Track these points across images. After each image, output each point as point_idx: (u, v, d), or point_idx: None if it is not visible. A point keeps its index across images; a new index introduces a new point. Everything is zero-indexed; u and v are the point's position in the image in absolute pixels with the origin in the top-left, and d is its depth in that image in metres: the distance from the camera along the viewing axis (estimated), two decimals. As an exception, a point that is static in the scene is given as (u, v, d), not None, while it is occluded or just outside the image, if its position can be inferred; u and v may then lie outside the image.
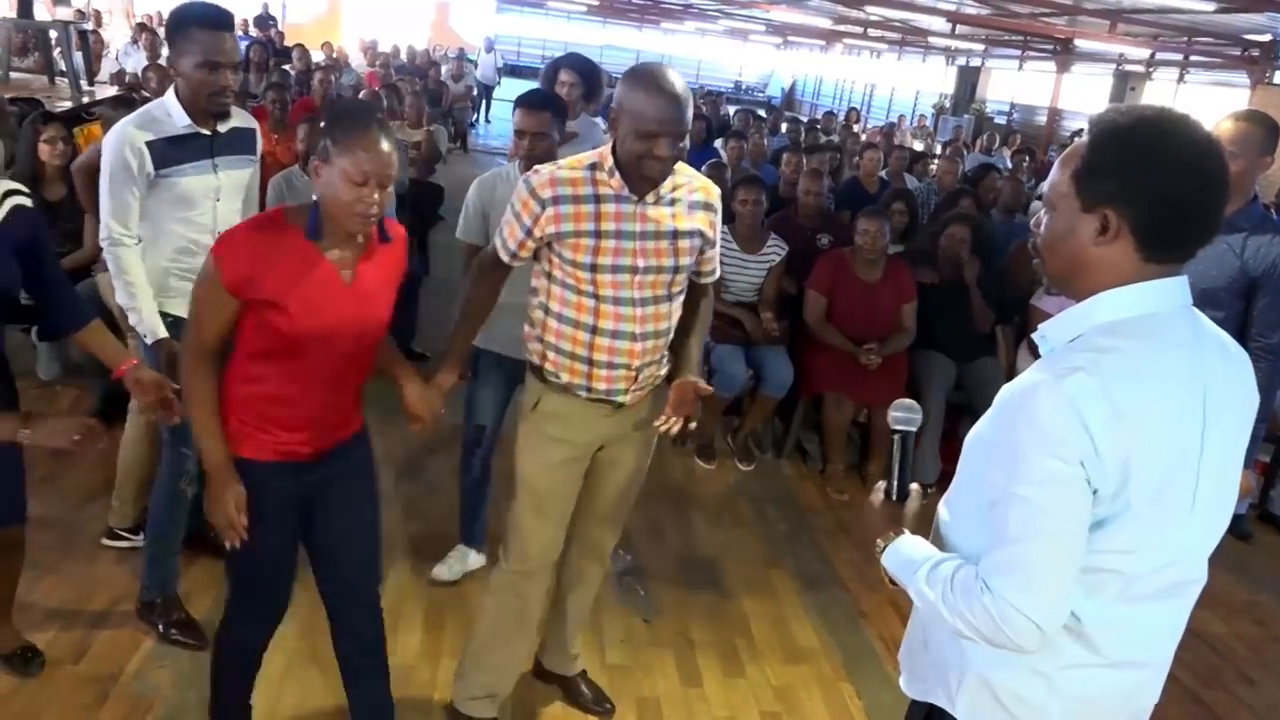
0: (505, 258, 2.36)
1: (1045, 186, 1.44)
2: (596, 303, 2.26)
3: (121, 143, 2.61)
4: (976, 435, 1.44)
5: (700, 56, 30.08)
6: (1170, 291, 1.33)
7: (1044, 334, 1.40)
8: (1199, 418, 1.33)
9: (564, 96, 4.52)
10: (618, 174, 2.22)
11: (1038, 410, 1.27)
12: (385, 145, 1.93)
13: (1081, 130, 16.59)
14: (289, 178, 4.50)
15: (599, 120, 5.44)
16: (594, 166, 2.25)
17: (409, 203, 6.02)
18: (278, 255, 1.94)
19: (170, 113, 2.67)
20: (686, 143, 2.22)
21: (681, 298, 2.40)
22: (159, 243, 2.74)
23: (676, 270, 2.31)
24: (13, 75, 7.17)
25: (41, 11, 7.80)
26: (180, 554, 3.01)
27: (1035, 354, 1.42)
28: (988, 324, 4.85)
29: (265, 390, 2.03)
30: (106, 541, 3.30)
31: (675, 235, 2.28)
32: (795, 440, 4.89)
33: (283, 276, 1.94)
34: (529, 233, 2.27)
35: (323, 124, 1.95)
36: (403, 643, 3.02)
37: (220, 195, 2.79)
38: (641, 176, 2.21)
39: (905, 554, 1.51)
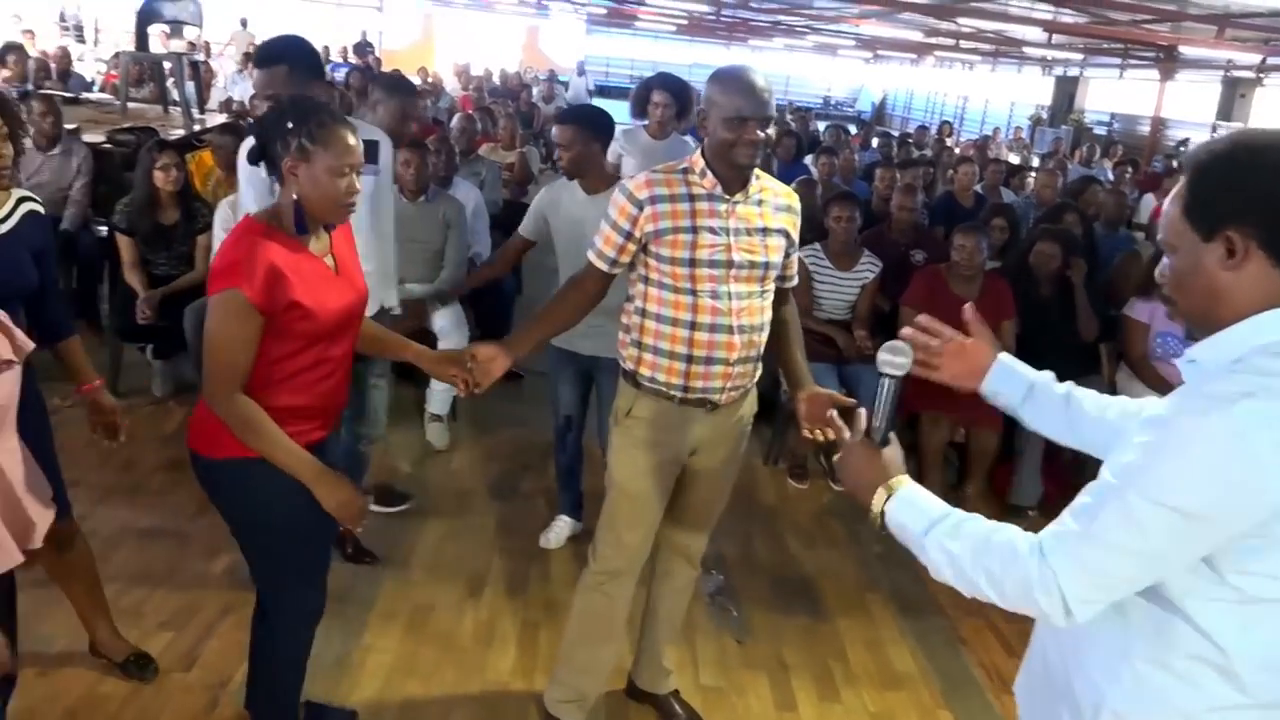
0: (604, 267, 2.42)
1: (1160, 233, 1.40)
2: (694, 298, 2.33)
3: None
4: (1120, 459, 1.32)
5: (788, 72, 29.95)
6: None
7: (1195, 357, 1.33)
8: None
9: (656, 116, 4.57)
10: (710, 174, 2.33)
11: (1202, 434, 1.20)
12: (352, 135, 2.05)
13: (1186, 140, 16.06)
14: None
15: (689, 139, 5.46)
16: (686, 170, 2.37)
17: (502, 222, 6.12)
18: (280, 260, 2.00)
19: None
20: (771, 133, 2.31)
21: (771, 296, 2.47)
22: None
23: (768, 266, 2.40)
24: (130, 105, 7.51)
25: (156, 44, 8.15)
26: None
27: (1139, 375, 1.34)
28: (1093, 330, 4.70)
29: (290, 389, 2.10)
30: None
31: (765, 232, 2.39)
32: (890, 460, 4.80)
33: (294, 278, 2.01)
34: (629, 236, 2.36)
35: (289, 125, 2.00)
36: (497, 659, 3.05)
37: None
38: (732, 167, 2.31)
39: (920, 504, 1.46)
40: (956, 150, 11.56)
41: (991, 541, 1.34)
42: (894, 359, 1.62)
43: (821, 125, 13.52)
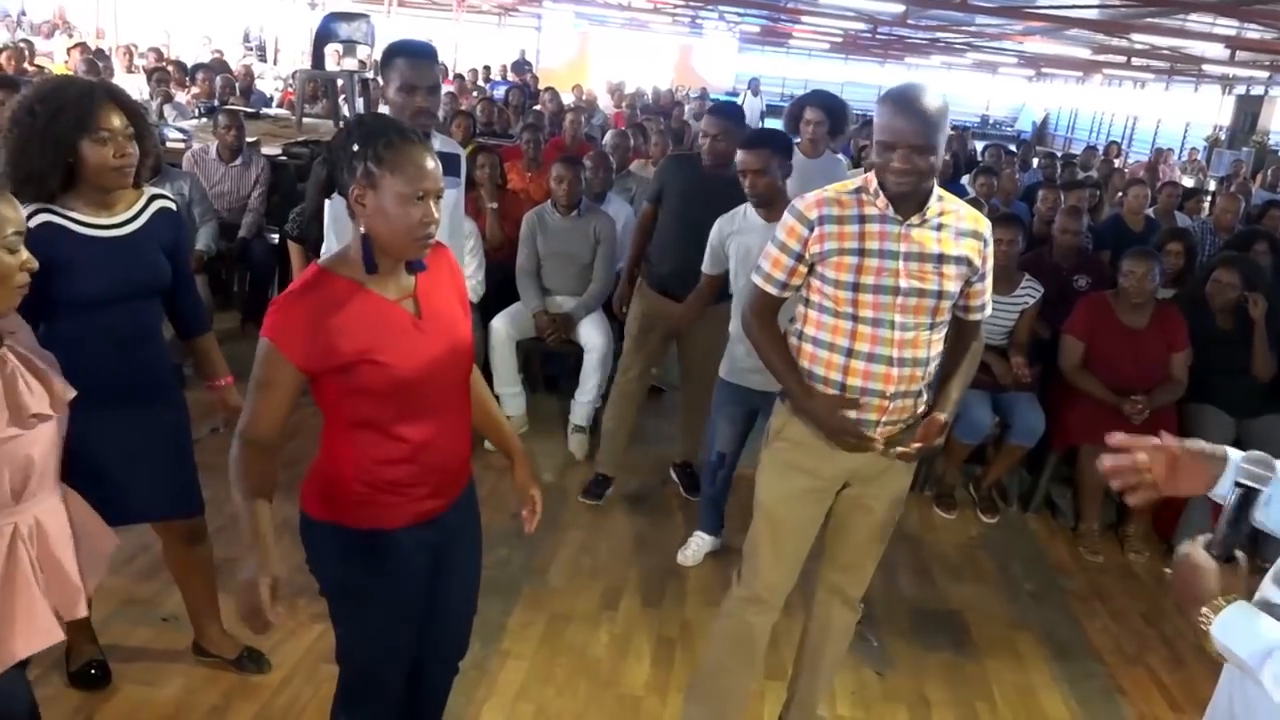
0: (774, 290, 2.35)
1: None
2: (854, 324, 2.24)
3: None
4: None
5: (944, 90, 29.22)
6: None
7: None
8: None
9: (809, 134, 4.52)
10: (882, 194, 2.23)
11: None
12: (430, 156, 1.79)
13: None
14: (541, 213, 4.72)
15: (842, 157, 5.37)
16: (859, 190, 2.28)
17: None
18: (338, 312, 1.77)
19: None
20: (936, 162, 2.17)
21: (944, 330, 2.33)
22: None
23: (940, 296, 2.26)
24: (305, 120, 7.92)
25: (330, 63, 8.58)
26: None
27: None
28: (1269, 371, 4.38)
29: (380, 453, 1.87)
30: None
31: (941, 259, 2.25)
32: (1044, 494, 4.58)
33: (356, 332, 1.78)
34: (799, 257, 2.29)
35: (354, 147, 1.75)
36: (631, 673, 3.05)
37: None
38: (891, 193, 2.21)
39: (1255, 627, 1.29)
40: (1125, 172, 11.00)
41: None
42: (1256, 470, 1.42)
43: (979, 145, 13.10)
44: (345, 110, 8.08)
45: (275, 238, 5.37)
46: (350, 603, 2.00)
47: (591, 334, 4.61)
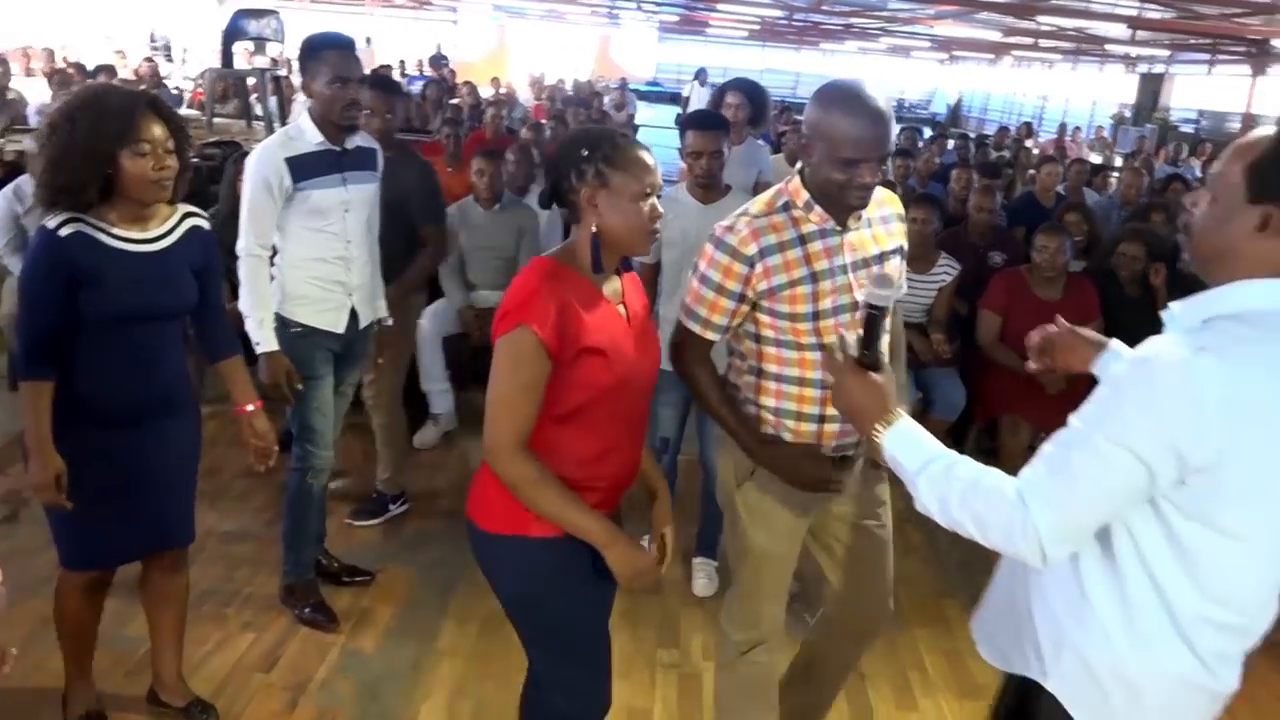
0: (716, 337, 2.13)
1: (1213, 171, 1.44)
2: (822, 354, 2.04)
3: (264, 161, 2.84)
4: (1085, 407, 1.41)
5: (859, 76, 29.62)
6: None
7: (1175, 314, 1.42)
8: None
9: (732, 119, 4.55)
10: (816, 206, 2.06)
11: (1158, 380, 1.30)
12: (650, 156, 1.88)
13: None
14: (463, 208, 4.68)
15: (763, 142, 5.42)
16: (788, 205, 2.08)
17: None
18: (576, 300, 1.81)
19: (304, 131, 2.89)
20: (888, 167, 2.07)
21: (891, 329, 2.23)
22: (296, 254, 2.96)
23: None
24: (215, 120, 7.74)
25: (241, 61, 8.38)
26: (319, 544, 3.26)
27: None
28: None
29: (573, 454, 1.87)
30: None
31: (881, 258, 2.14)
32: (969, 466, 4.69)
33: (591, 323, 1.82)
34: (741, 298, 2.07)
35: (584, 152, 1.83)
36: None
37: (350, 208, 2.98)
38: (843, 207, 2.05)
39: (915, 440, 1.52)
40: (1036, 151, 11.29)
41: (980, 486, 1.42)
42: (882, 291, 1.63)
43: (895, 128, 13.31)
44: (258, 109, 7.92)
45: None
46: (534, 604, 1.98)
47: (518, 328, 4.58)
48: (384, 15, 24.23)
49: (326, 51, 2.85)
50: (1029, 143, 12.44)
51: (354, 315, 3.07)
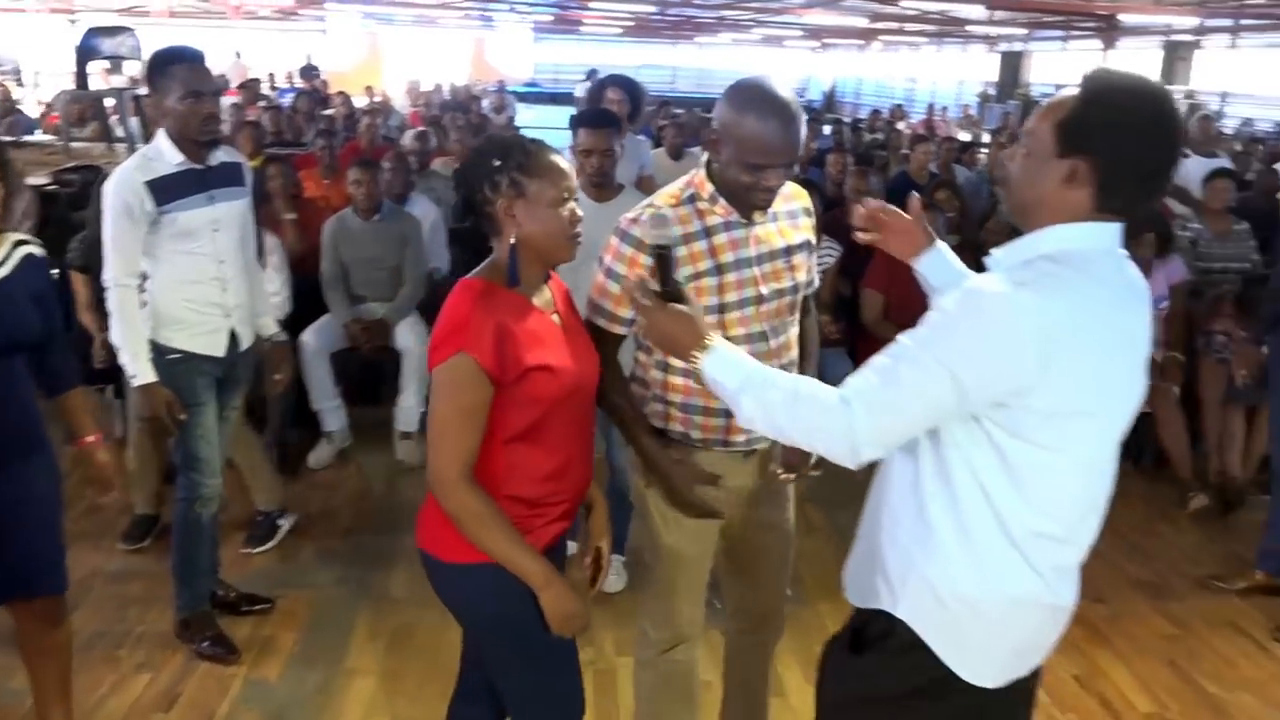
0: (624, 330, 2.09)
1: (1026, 127, 1.54)
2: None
3: (122, 187, 2.74)
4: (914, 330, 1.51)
5: (736, 67, 30.06)
6: (1107, 233, 1.49)
7: (998, 258, 1.54)
8: (1121, 346, 1.49)
9: (610, 115, 4.56)
10: (721, 199, 2.05)
11: (980, 311, 1.42)
12: (563, 160, 1.85)
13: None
14: (342, 220, 4.59)
15: (643, 138, 5.46)
16: (693, 198, 2.07)
17: (461, 235, 6.08)
18: (510, 319, 1.77)
19: (163, 152, 2.79)
20: (795, 170, 2.06)
21: (799, 323, 2.23)
22: (167, 278, 2.86)
23: (796, 290, 2.16)
24: (73, 145, 7.40)
25: (97, 82, 8.04)
26: (213, 574, 3.16)
27: None
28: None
29: (532, 473, 1.84)
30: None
31: (788, 252, 2.13)
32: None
33: (531, 340, 1.78)
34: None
35: (495, 163, 1.79)
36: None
37: (219, 226, 2.89)
38: (749, 207, 2.05)
39: (734, 360, 1.61)
40: (907, 132, 11.64)
41: (800, 393, 1.53)
42: (658, 231, 1.72)
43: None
44: (119, 130, 7.61)
45: (55, 271, 4.99)
46: (502, 632, 1.93)
47: (408, 338, 4.52)
48: (248, 28, 23.52)
49: (175, 66, 2.74)
50: (900, 124, 12.81)
51: (233, 337, 2.98)
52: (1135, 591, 3.67)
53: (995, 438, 1.47)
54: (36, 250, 2.31)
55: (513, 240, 1.81)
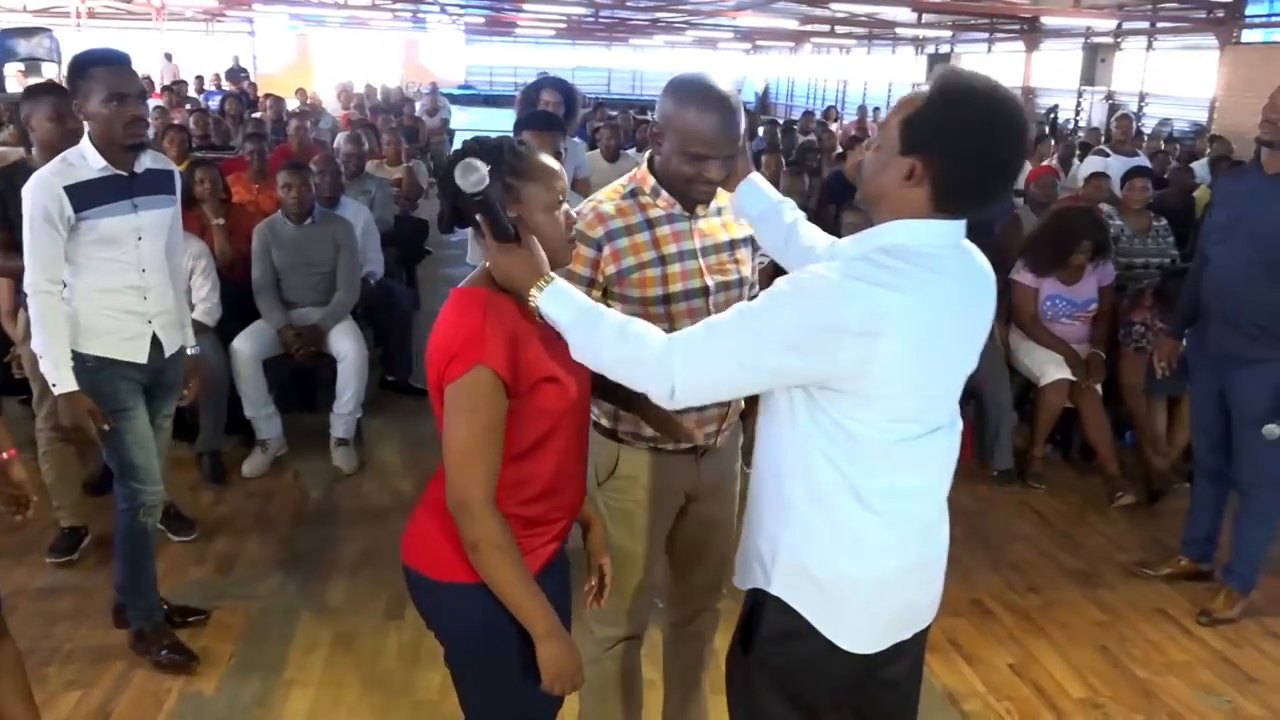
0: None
1: (883, 120, 1.60)
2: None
3: (40, 191, 2.66)
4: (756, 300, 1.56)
5: (670, 68, 30.24)
6: (946, 231, 1.52)
7: (840, 247, 1.60)
8: (960, 332, 1.55)
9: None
10: (663, 192, 2.07)
11: (810, 295, 1.46)
12: (553, 159, 1.76)
13: (1056, 106, 16.75)
14: (273, 224, 4.52)
15: (578, 139, 5.46)
16: (634, 192, 2.10)
17: (394, 238, 6.03)
18: (520, 330, 1.67)
19: (86, 157, 2.72)
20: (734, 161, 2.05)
21: None
22: (87, 285, 2.79)
23: (742, 284, 2.16)
24: (-10, 150, 7.17)
25: (13, 84, 7.81)
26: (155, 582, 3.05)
27: (1031, 335, 1.52)
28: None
29: (535, 488, 1.74)
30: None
31: (732, 245, 2.15)
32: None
33: (538, 350, 1.69)
34: (591, 282, 2.05)
35: (488, 168, 1.62)
36: (425, 677, 2.99)
37: (143, 234, 2.83)
38: (690, 199, 2.08)
39: (568, 296, 1.63)
40: (839, 132, 11.80)
41: (627, 331, 1.58)
42: (468, 179, 1.59)
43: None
44: (37, 135, 7.39)
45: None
46: (501, 667, 1.78)
47: (343, 343, 4.46)
48: (173, 29, 23.01)
49: (96, 69, 2.65)
50: (833, 125, 12.99)
51: (156, 343, 2.91)
52: (1067, 580, 3.77)
53: (831, 414, 1.51)
54: None
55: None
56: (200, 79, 16.91)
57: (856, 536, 1.56)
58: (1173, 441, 4.54)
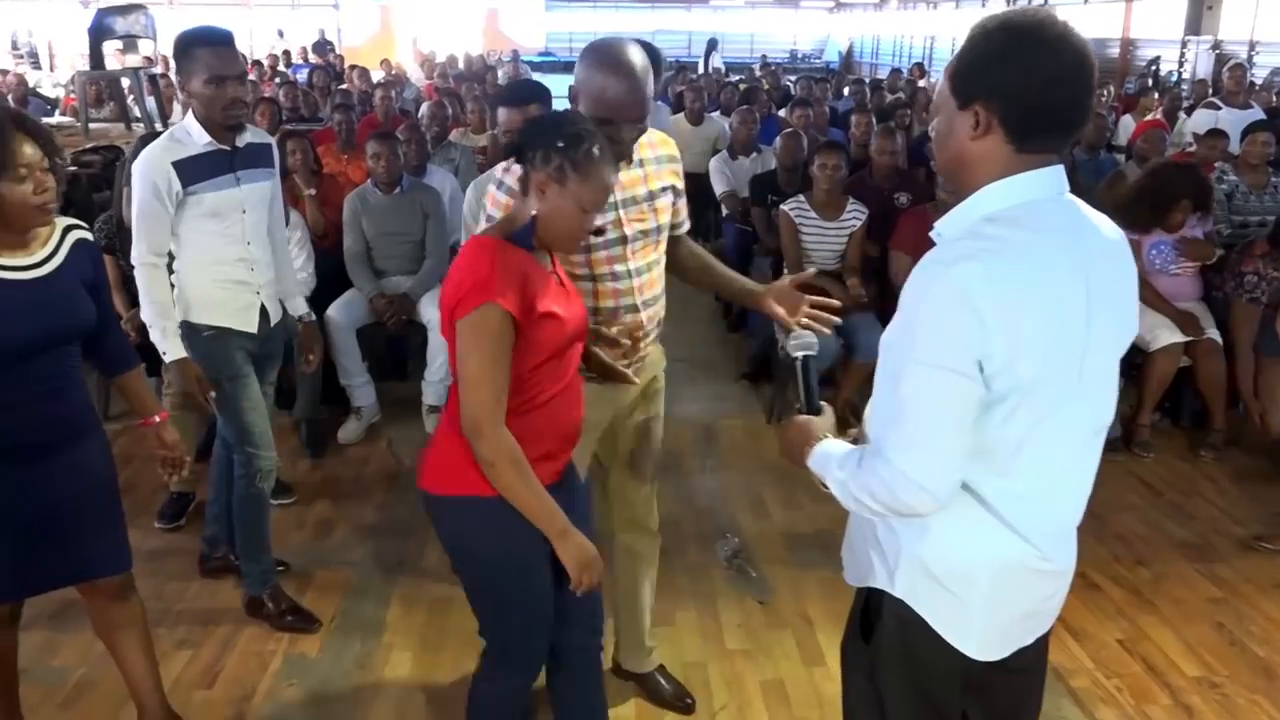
0: None
1: (935, 94, 1.54)
2: (594, 284, 2.24)
3: (150, 167, 2.72)
4: (888, 333, 1.47)
5: (753, 30, 29.69)
6: (1045, 181, 1.42)
7: (939, 230, 1.47)
8: (1081, 298, 1.41)
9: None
10: None
11: (932, 296, 1.37)
12: (613, 178, 1.92)
13: (1158, 58, 16.03)
14: (363, 194, 4.56)
15: (662, 103, 5.39)
16: None
17: (481, 207, 6.04)
18: (528, 271, 1.86)
19: (190, 133, 2.77)
20: (648, 117, 2.19)
21: (664, 261, 2.39)
22: (197, 258, 2.85)
23: (659, 230, 2.33)
24: (92, 126, 7.39)
25: (113, 62, 8.02)
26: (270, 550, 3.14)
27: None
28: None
29: (532, 420, 1.92)
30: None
31: (651, 196, 2.29)
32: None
33: (541, 289, 1.87)
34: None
35: (558, 143, 1.83)
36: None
37: (246, 207, 2.87)
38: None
39: (826, 451, 1.59)
40: (930, 90, 11.46)
41: (862, 465, 1.47)
42: (803, 342, 1.78)
43: (791, 79, 13.39)
44: (136, 110, 7.60)
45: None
46: (512, 575, 2.00)
47: (433, 311, 4.49)
48: (261, 6, 23.45)
49: (199, 49, 2.69)
50: (922, 82, 12.62)
51: (264, 313, 2.97)
52: (1178, 553, 3.62)
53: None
54: (87, 235, 2.26)
55: (534, 212, 1.87)
56: (288, 53, 17.20)
57: (979, 538, 1.49)
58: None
